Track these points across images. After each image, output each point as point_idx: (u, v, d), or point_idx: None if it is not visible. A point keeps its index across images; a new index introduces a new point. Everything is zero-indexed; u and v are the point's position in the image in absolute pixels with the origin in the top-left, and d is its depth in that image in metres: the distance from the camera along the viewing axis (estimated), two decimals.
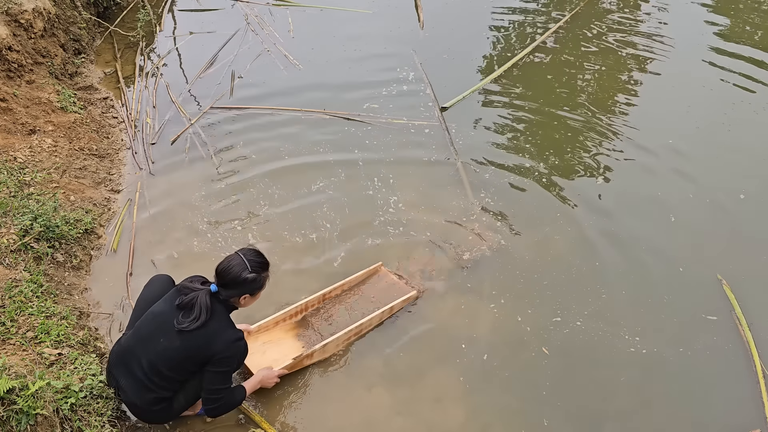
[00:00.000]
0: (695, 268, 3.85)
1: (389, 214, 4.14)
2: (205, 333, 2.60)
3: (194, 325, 2.57)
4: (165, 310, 2.66)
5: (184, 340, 2.59)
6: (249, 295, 2.72)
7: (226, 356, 2.64)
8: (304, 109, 5.03)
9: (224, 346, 2.62)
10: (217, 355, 2.62)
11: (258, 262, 2.69)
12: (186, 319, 2.58)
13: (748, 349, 3.40)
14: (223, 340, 2.62)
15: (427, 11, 6.46)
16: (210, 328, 2.61)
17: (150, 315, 2.69)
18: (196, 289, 2.64)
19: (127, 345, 2.69)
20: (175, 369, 2.64)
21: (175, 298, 2.67)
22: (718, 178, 4.55)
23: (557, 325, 3.50)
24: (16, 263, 3.21)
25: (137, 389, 2.65)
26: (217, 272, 2.67)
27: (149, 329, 2.66)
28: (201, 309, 2.58)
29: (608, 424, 3.08)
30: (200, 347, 2.60)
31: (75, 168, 4.13)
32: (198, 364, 2.66)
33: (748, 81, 5.57)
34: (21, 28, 4.60)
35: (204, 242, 3.86)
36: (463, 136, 4.85)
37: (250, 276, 2.64)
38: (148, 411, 2.72)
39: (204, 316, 2.58)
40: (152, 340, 2.63)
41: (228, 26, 6.07)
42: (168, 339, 2.60)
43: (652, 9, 6.65)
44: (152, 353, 2.62)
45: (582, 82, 5.50)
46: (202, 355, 2.62)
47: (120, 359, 2.70)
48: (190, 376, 2.71)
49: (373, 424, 3.03)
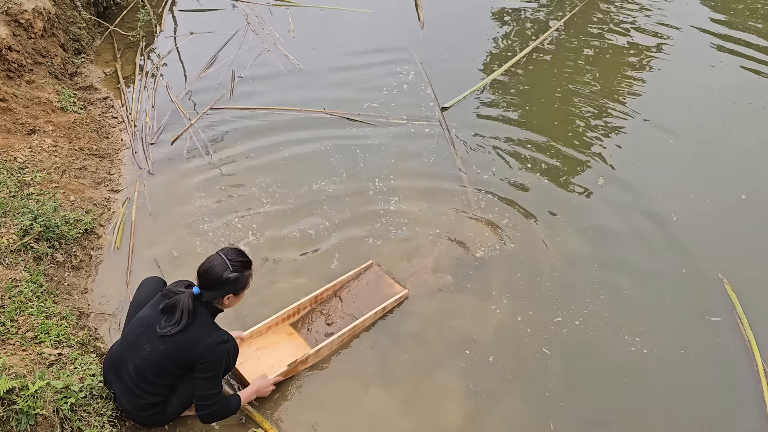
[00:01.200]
0: (697, 269, 3.84)
1: (390, 214, 4.13)
2: (187, 337, 2.57)
3: (175, 329, 2.54)
4: (150, 315, 2.64)
5: (167, 345, 2.56)
6: (233, 295, 2.67)
7: (210, 360, 2.60)
8: (304, 109, 5.03)
9: (206, 350, 2.57)
10: (201, 359, 2.58)
11: (239, 261, 2.65)
12: (168, 324, 2.56)
13: (750, 349, 3.39)
14: (205, 344, 2.58)
15: (427, 11, 6.45)
16: (192, 332, 2.58)
17: (137, 320, 2.68)
18: (179, 292, 2.61)
19: (118, 351, 2.70)
20: (159, 374, 2.62)
21: (160, 302, 2.65)
22: (720, 177, 4.54)
23: (557, 326, 3.49)
24: (16, 263, 3.20)
25: (127, 395, 2.66)
26: (199, 273, 2.63)
27: (135, 334, 2.65)
28: (183, 312, 2.55)
29: (610, 425, 3.08)
30: (182, 351, 2.57)
31: (75, 168, 4.13)
32: (183, 369, 2.63)
33: (748, 80, 5.57)
34: (21, 28, 4.60)
35: (204, 242, 3.86)
36: (464, 136, 4.84)
37: (232, 275, 2.60)
38: (140, 416, 2.72)
39: (185, 320, 2.55)
40: (138, 345, 2.61)
41: (228, 26, 6.06)
42: (152, 344, 2.58)
43: (653, 9, 6.64)
44: (138, 359, 2.61)
45: (582, 82, 5.49)
46: (185, 359, 2.59)
47: (111, 365, 2.71)
48: (177, 381, 2.69)
49: (373, 424, 3.03)
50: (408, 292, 3.58)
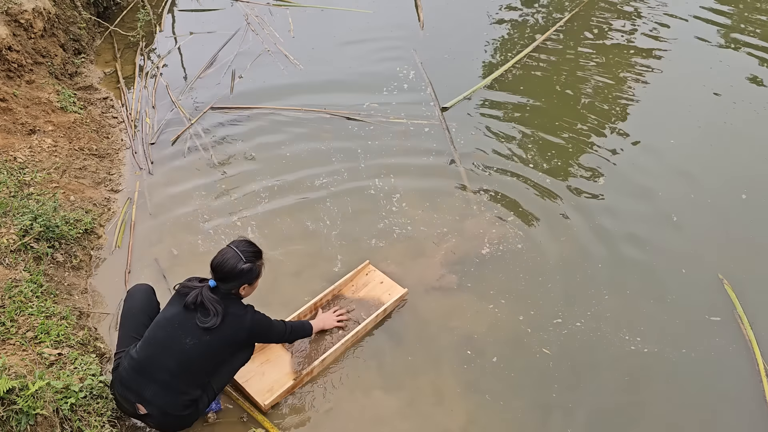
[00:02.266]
0: (698, 269, 3.84)
1: (390, 214, 4.13)
2: (227, 324, 2.67)
3: (218, 321, 2.63)
4: (176, 313, 2.68)
5: (213, 335, 2.65)
6: (247, 285, 2.74)
7: (255, 331, 2.80)
8: (304, 108, 5.02)
9: (251, 323, 2.76)
10: (253, 334, 2.81)
11: (251, 252, 2.71)
12: (207, 318, 2.63)
13: (751, 349, 3.39)
14: (246, 324, 2.74)
15: (427, 11, 6.45)
16: (229, 318, 2.68)
17: (162, 321, 2.70)
18: (194, 287, 2.67)
19: (144, 355, 2.66)
20: (210, 360, 2.70)
21: (178, 300, 2.69)
22: (720, 177, 4.54)
23: (558, 326, 3.49)
24: (16, 263, 3.20)
25: (166, 394, 2.64)
26: (213, 267, 2.68)
27: (166, 333, 2.66)
28: (213, 305, 2.63)
29: (611, 424, 3.07)
30: (230, 335, 2.70)
31: (75, 168, 4.12)
32: (235, 347, 2.79)
33: (748, 80, 5.56)
34: (21, 28, 4.59)
35: (204, 241, 3.86)
36: (464, 136, 4.83)
37: (245, 266, 2.66)
38: (178, 417, 2.71)
39: (221, 310, 2.64)
40: (175, 342, 2.64)
41: (228, 26, 6.05)
42: (194, 337, 2.64)
43: (653, 9, 6.63)
44: (179, 353, 2.63)
45: (583, 82, 5.48)
46: (236, 340, 2.75)
47: (137, 372, 2.65)
48: (228, 358, 2.79)
49: (375, 425, 3.03)
50: (407, 292, 3.57)
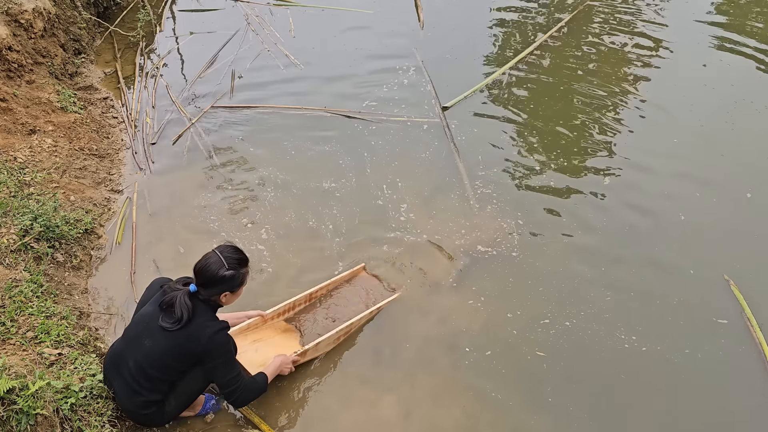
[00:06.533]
0: (703, 269, 3.81)
1: (390, 213, 4.11)
2: (186, 331, 2.57)
3: (176, 326, 2.55)
4: (150, 311, 2.66)
5: (169, 340, 2.57)
6: (230, 293, 2.66)
7: (216, 348, 2.60)
8: (304, 108, 5.01)
9: (209, 340, 2.57)
10: (207, 351, 2.59)
11: (236, 258, 2.64)
12: (168, 320, 2.57)
13: (761, 351, 3.36)
14: (206, 335, 2.57)
15: (427, 11, 6.44)
16: (193, 326, 2.58)
17: (138, 317, 2.71)
18: (177, 289, 2.61)
19: (119, 348, 2.70)
20: (161, 369, 2.62)
21: (160, 299, 2.66)
22: (724, 176, 4.52)
23: (557, 326, 3.47)
24: (16, 263, 3.19)
25: (127, 392, 2.65)
26: (195, 271, 2.62)
27: (136, 330, 2.66)
28: (181, 309, 2.55)
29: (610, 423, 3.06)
30: (185, 345, 2.58)
31: (75, 168, 4.11)
32: (187, 363, 2.64)
33: (749, 79, 5.56)
34: (21, 28, 4.59)
35: (205, 241, 3.84)
36: (465, 136, 4.82)
37: (227, 273, 2.59)
38: (139, 414, 2.70)
39: (186, 316, 2.55)
40: (138, 341, 2.62)
41: (228, 26, 6.05)
42: (153, 339, 2.59)
43: (653, 9, 6.63)
44: (138, 354, 2.61)
45: (584, 82, 5.47)
46: (189, 352, 2.59)
47: (112, 362, 2.70)
48: (179, 378, 2.68)
49: (370, 424, 3.01)
50: (401, 294, 3.59)
